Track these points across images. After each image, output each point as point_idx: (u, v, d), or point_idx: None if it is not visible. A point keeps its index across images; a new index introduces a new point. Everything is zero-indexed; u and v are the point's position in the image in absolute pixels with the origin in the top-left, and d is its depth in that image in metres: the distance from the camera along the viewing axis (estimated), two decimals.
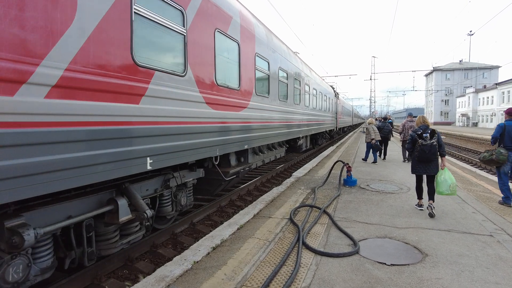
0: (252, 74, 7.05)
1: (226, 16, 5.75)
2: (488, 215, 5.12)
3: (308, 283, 3.01)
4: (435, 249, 3.81)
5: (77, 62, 2.85)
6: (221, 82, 5.61)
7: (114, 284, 3.75)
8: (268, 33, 8.53)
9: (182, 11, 4.41)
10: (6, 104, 2.33)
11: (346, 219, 4.93)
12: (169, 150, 4.18)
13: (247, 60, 6.77)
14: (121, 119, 3.35)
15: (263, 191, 8.57)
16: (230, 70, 6.07)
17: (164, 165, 4.10)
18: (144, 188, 4.43)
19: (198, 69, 4.85)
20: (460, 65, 78.28)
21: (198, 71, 4.86)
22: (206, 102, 5.06)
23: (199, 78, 4.87)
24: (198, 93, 4.85)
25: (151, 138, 3.81)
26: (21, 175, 2.42)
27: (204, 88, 5.00)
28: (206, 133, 5.09)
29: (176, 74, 4.32)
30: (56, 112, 2.68)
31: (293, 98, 10.78)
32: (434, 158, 5.16)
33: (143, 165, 3.69)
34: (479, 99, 65.06)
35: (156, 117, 3.88)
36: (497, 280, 3.06)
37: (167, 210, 5.01)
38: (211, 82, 5.25)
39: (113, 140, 3.28)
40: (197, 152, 4.87)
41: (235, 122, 6.16)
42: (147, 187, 4.49)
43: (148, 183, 4.50)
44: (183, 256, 3.60)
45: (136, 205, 3.91)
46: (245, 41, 6.64)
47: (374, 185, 7.47)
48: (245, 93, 6.67)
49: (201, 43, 4.94)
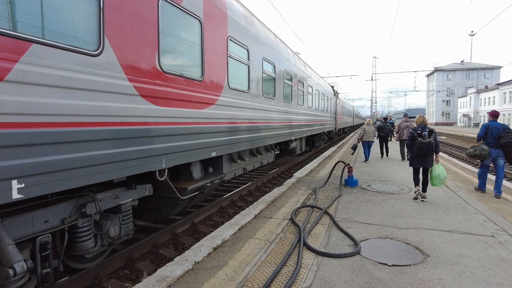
0: (223, 62, 5.79)
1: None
2: (489, 216, 5.11)
3: (309, 283, 3.01)
4: (437, 249, 3.80)
5: None
6: (170, 69, 4.28)
7: (115, 284, 3.75)
8: (249, 15, 7.21)
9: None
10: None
11: (347, 220, 4.92)
12: (73, 165, 2.90)
13: (215, 44, 5.50)
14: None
15: (264, 192, 8.56)
16: (186, 54, 4.77)
17: (58, 189, 2.80)
18: (40, 219, 3.06)
19: (125, 48, 3.51)
20: (462, 66, 78.16)
21: (125, 50, 3.51)
22: (142, 95, 3.73)
23: (127, 61, 3.54)
24: (126, 81, 3.52)
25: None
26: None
27: (136, 75, 3.66)
28: (144, 138, 3.77)
29: (81, 51, 2.99)
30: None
31: (284, 96, 9.60)
32: (431, 154, 5.84)
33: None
34: (480, 99, 64.93)
35: (34, 116, 2.58)
36: (499, 281, 3.05)
37: (85, 247, 3.59)
38: (152, 68, 3.91)
39: None
40: (127, 166, 3.52)
41: (195, 123, 4.85)
42: (45, 217, 3.12)
43: (46, 212, 3.12)
44: (184, 257, 3.60)
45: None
46: (212, 20, 5.34)
47: (375, 186, 7.46)
48: (212, 85, 5.37)
49: (129, 11, 3.57)
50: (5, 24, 2.42)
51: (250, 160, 8.29)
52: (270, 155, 9.87)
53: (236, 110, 6.32)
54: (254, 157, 8.51)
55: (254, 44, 7.26)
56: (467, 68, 76.62)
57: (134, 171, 3.65)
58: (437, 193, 6.68)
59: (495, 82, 63.94)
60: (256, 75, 7.41)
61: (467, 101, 69.98)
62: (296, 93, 11.23)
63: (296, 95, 11.16)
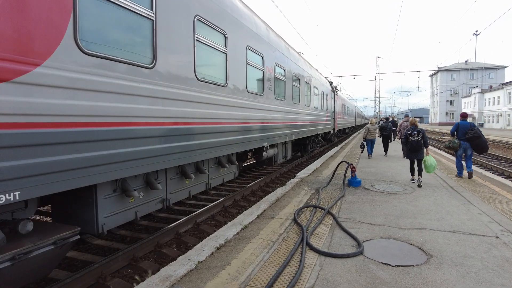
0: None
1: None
2: (494, 216, 5.08)
3: (312, 283, 3.01)
4: (440, 250, 3.78)
5: None
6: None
7: (118, 283, 3.77)
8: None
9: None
10: None
11: (350, 220, 4.91)
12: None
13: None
14: None
15: (267, 192, 8.56)
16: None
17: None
18: None
19: None
20: (466, 65, 77.66)
21: None
22: None
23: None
24: None
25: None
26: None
27: None
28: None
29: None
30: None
31: (248, 85, 7.04)
32: (420, 149, 7.48)
33: None
34: (485, 99, 64.51)
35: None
36: (503, 282, 3.03)
37: None
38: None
39: None
40: None
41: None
42: None
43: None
44: (187, 256, 3.61)
45: None
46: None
47: (378, 186, 7.43)
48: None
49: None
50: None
51: (178, 185, 5.35)
52: (230, 170, 7.21)
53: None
54: (187, 179, 5.50)
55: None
56: (472, 68, 76.11)
57: None
58: (440, 192, 6.67)
59: (500, 82, 63.46)
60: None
61: (472, 101, 69.54)
62: (274, 85, 8.71)
63: (273, 88, 8.59)
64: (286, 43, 10.49)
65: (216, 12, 5.60)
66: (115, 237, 5.29)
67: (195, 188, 5.90)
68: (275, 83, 8.83)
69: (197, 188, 5.97)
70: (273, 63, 8.64)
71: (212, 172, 6.47)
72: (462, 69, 77.92)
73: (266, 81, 8.15)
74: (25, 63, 2.63)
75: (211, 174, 6.42)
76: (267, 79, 8.23)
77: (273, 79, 8.56)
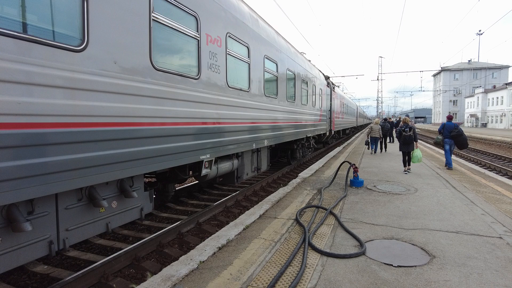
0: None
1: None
2: (497, 217, 5.05)
3: (314, 284, 3.00)
4: (443, 251, 3.76)
5: None
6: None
7: (121, 283, 3.79)
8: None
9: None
10: None
11: (352, 220, 4.90)
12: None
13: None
14: None
15: (269, 192, 8.56)
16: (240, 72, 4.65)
17: None
18: None
19: None
20: (469, 65, 77.31)
21: None
22: None
23: None
24: None
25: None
26: None
27: None
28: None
29: None
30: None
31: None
32: (411, 143, 9.30)
33: None
34: (488, 99, 64.17)
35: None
36: (507, 283, 3.02)
37: None
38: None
39: None
40: None
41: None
42: None
43: None
44: (189, 256, 3.62)
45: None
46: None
47: (381, 186, 7.41)
48: None
49: None
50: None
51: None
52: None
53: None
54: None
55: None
56: (475, 68, 75.76)
57: None
58: (443, 192, 6.63)
59: (503, 82, 63.09)
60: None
61: (475, 101, 69.18)
62: (237, 69, 6.51)
63: (237, 75, 6.50)
64: (260, 17, 8.20)
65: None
66: (118, 236, 5.31)
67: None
68: (243, 73, 6.66)
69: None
70: (236, 39, 6.45)
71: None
72: (465, 69, 77.58)
73: (230, 69, 6.16)
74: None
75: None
76: (232, 65, 6.27)
77: (223, 54, 5.94)
